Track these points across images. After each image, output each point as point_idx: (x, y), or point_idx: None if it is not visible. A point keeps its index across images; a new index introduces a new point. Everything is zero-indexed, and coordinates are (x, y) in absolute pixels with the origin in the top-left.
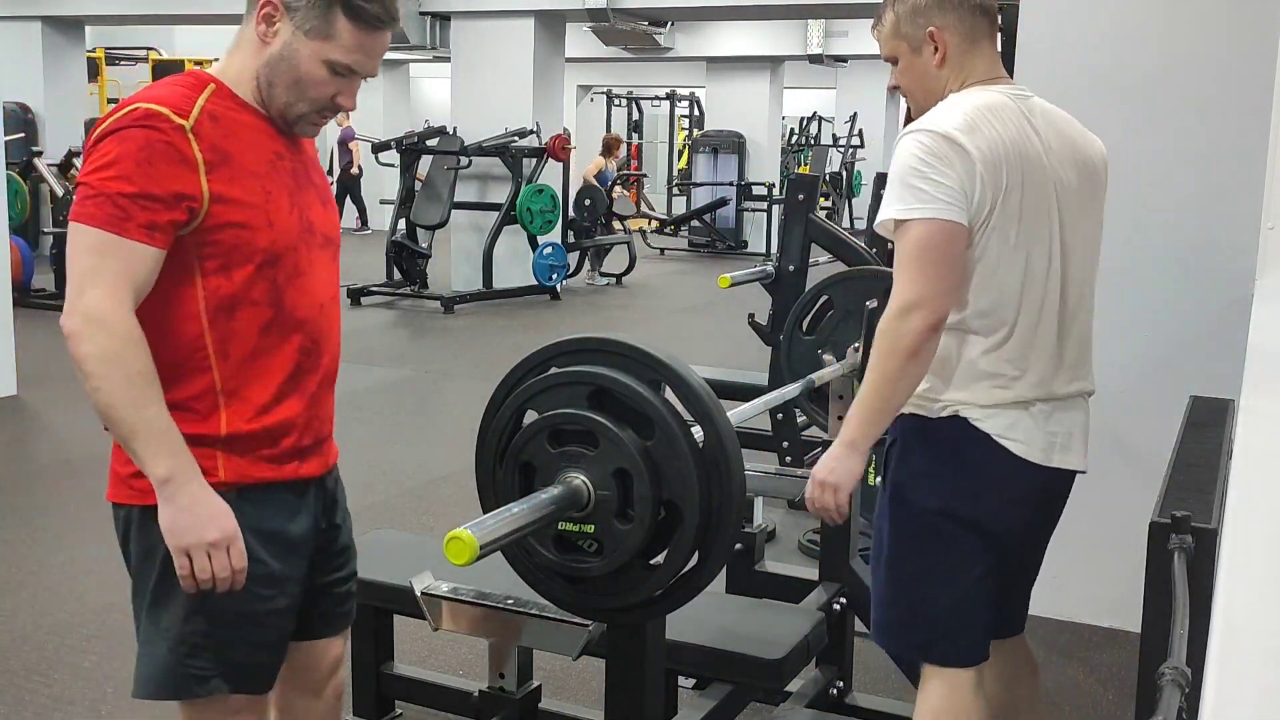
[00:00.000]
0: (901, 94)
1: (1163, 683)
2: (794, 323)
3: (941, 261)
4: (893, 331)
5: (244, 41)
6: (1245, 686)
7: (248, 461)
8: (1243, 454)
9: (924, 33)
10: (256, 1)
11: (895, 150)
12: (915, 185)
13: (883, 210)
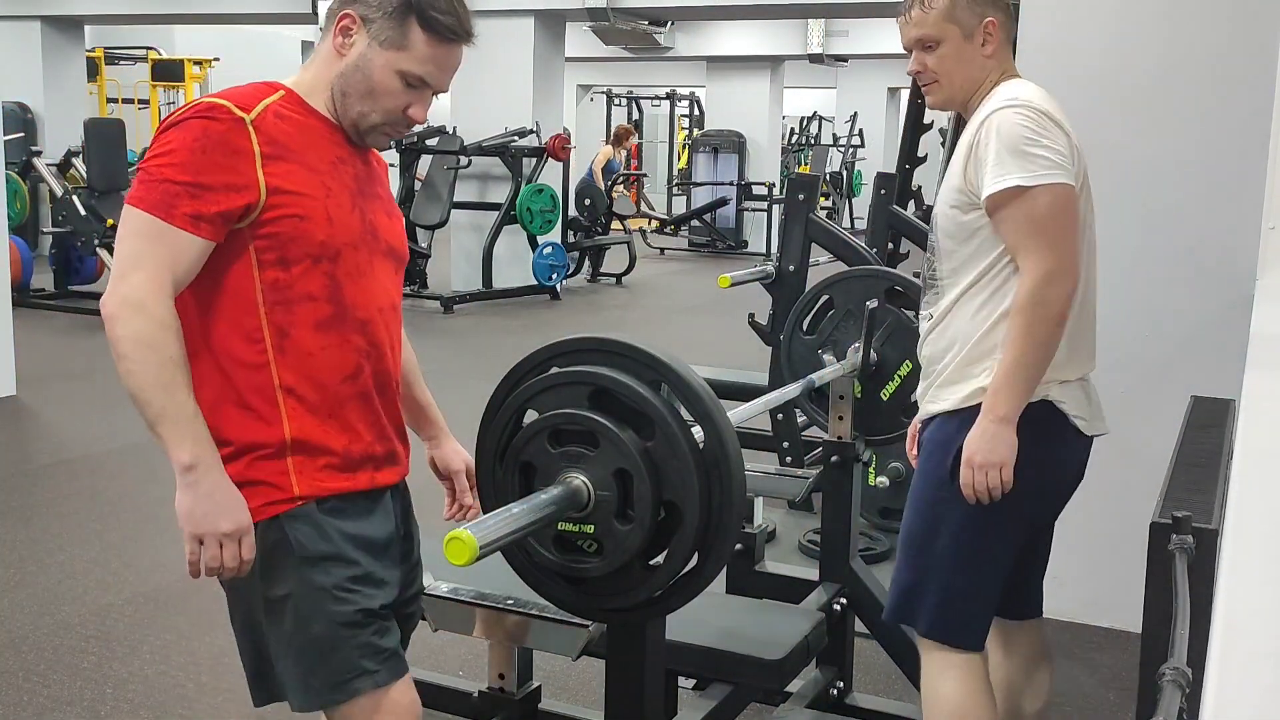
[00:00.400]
0: (924, 80)
1: (1163, 683)
2: (794, 323)
3: (1071, 226)
4: (1041, 301)
5: (320, 54)
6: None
7: (319, 469)
8: (1243, 454)
9: (981, 21)
10: (335, 16)
11: (994, 119)
12: (1033, 153)
13: (996, 180)
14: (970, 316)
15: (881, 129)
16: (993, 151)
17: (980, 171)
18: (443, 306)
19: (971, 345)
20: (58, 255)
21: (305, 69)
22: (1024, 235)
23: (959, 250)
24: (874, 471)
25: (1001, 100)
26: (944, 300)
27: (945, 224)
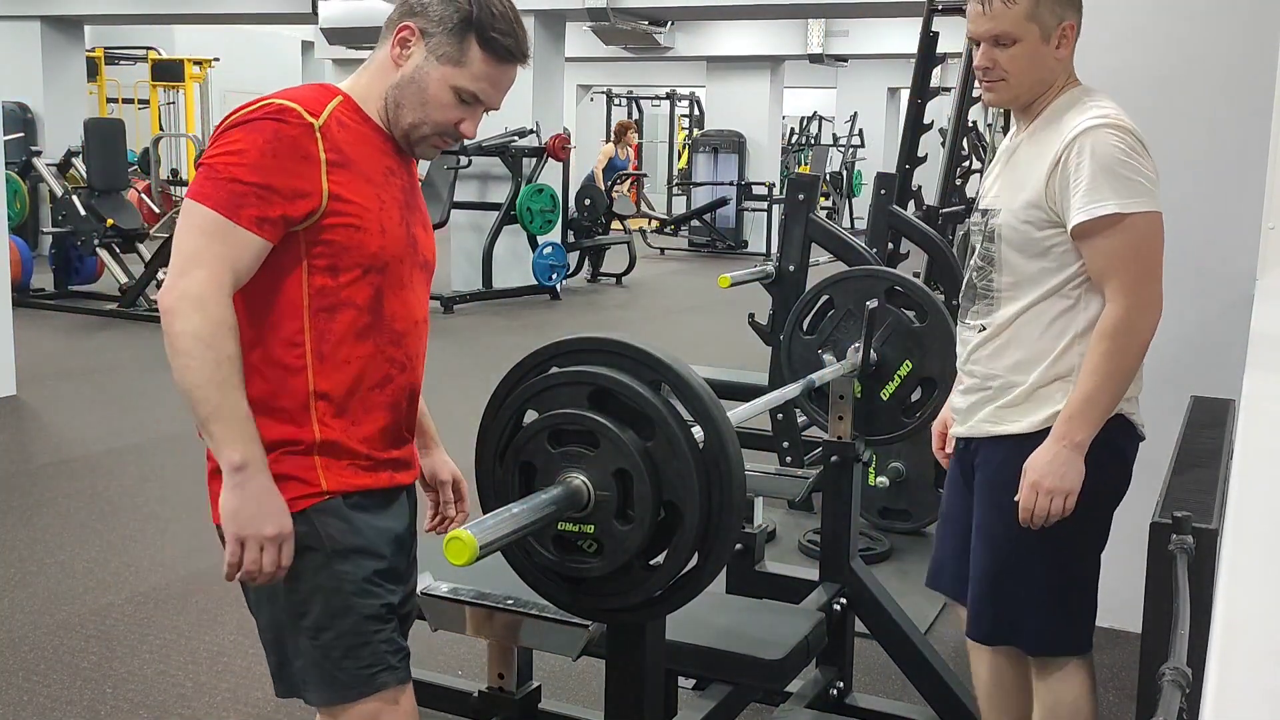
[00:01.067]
0: (991, 76)
1: (1163, 683)
2: (794, 323)
3: (1160, 254)
4: (1129, 330)
5: (376, 63)
6: (1246, 687)
7: (344, 467)
8: (1243, 454)
9: (1059, 24)
10: (394, 26)
11: (1087, 138)
12: (1130, 177)
13: (1091, 205)
14: (1039, 335)
15: (881, 129)
16: (1086, 174)
17: (1067, 193)
18: (443, 306)
19: (1045, 367)
20: (58, 255)
21: (359, 75)
22: (1116, 263)
23: (1026, 265)
24: (874, 471)
25: (1093, 117)
26: (1001, 312)
27: (1013, 237)
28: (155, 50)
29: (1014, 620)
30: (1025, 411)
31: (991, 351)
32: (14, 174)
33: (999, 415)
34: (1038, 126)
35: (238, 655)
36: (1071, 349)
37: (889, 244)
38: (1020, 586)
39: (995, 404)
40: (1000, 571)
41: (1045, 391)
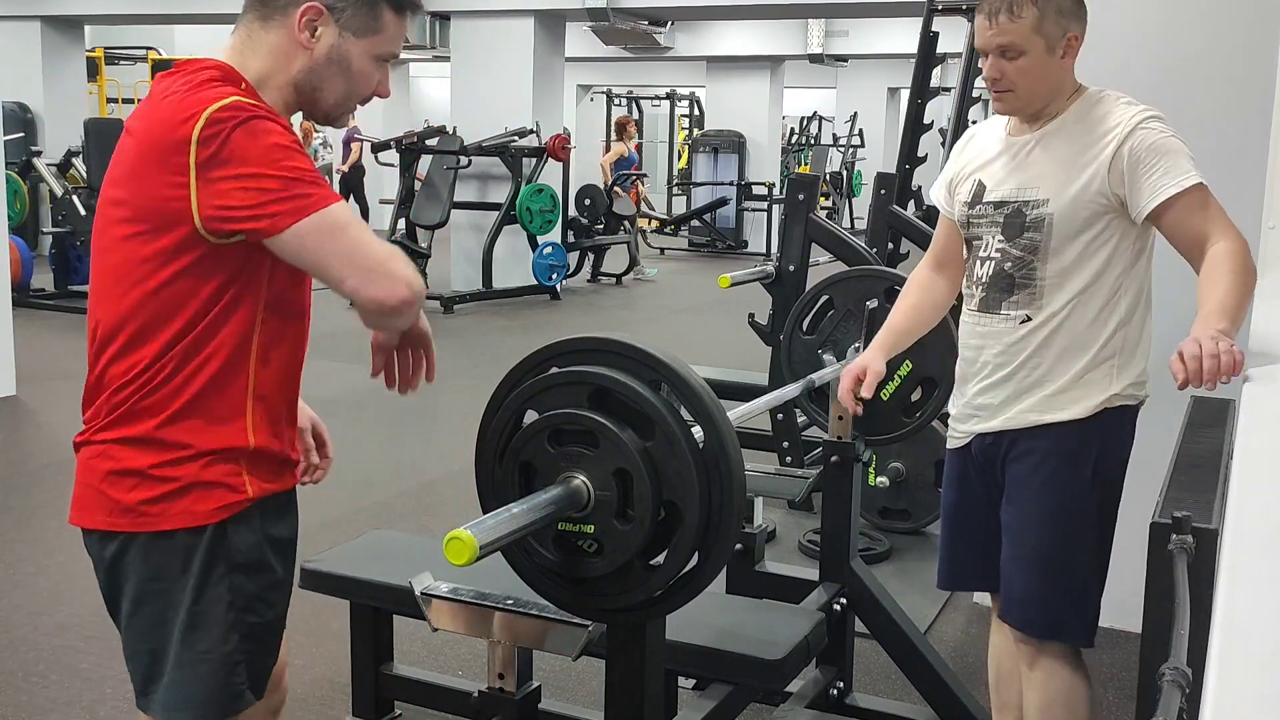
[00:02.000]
0: (1000, 86)
1: (1163, 683)
2: (794, 323)
3: None
4: (1248, 259)
5: (270, 46)
6: (1246, 687)
7: (264, 474)
8: (1243, 454)
9: (1064, 35)
10: (290, 8)
11: (1145, 129)
12: (1191, 156)
13: (1179, 180)
14: (1089, 323)
15: (881, 129)
16: (1160, 158)
17: (1139, 178)
18: (443, 306)
19: (1093, 354)
20: (57, 255)
21: (249, 58)
22: (1215, 217)
23: (1077, 253)
24: (874, 471)
25: (1136, 112)
26: (1049, 300)
27: (1067, 226)
28: (155, 50)
29: (1073, 611)
30: (1075, 398)
31: (1039, 341)
32: (14, 174)
33: (1046, 404)
34: (1062, 127)
35: None
36: (1115, 335)
37: (889, 244)
38: (1071, 573)
39: (1041, 393)
40: (1049, 558)
41: (1092, 377)
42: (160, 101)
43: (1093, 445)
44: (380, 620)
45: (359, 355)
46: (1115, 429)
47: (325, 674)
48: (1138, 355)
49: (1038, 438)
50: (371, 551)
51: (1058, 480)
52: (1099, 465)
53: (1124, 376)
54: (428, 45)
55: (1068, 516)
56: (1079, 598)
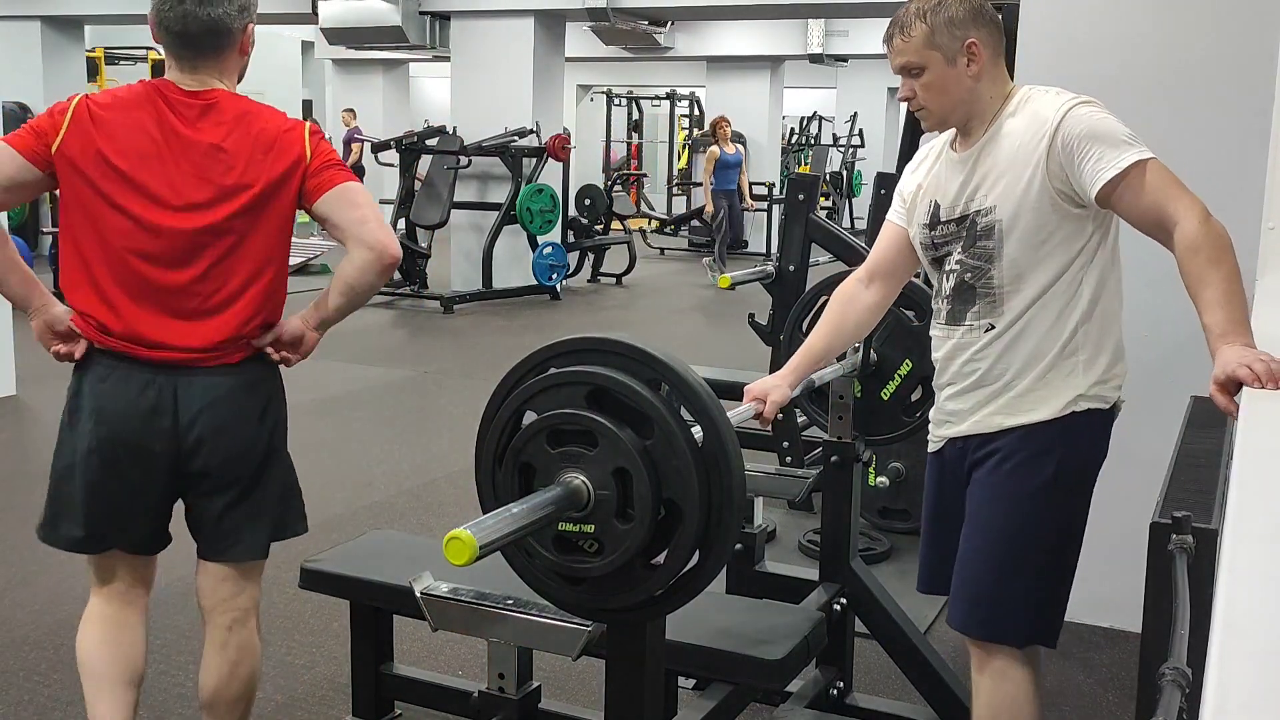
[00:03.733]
0: (914, 106)
1: (1163, 683)
2: (794, 323)
3: None
4: (1218, 230)
5: (230, 67)
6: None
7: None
8: (1243, 454)
9: (961, 44)
10: (237, 39)
11: (1073, 117)
12: (1130, 132)
13: (1116, 162)
14: (1050, 326)
15: (881, 129)
16: (1093, 143)
17: (1076, 165)
18: (443, 306)
19: (1054, 355)
20: (57, 255)
21: (227, 80)
22: (1166, 189)
23: (1030, 255)
24: (874, 471)
25: (1061, 102)
26: (1009, 307)
27: (1019, 227)
28: (155, 50)
29: (1008, 610)
30: (1042, 399)
31: (1003, 347)
32: None
33: (1011, 407)
34: (999, 132)
35: None
36: (1077, 333)
37: None
38: (1019, 573)
39: (1008, 396)
40: (996, 555)
41: (1053, 377)
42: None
43: (1056, 447)
44: (380, 620)
45: (359, 355)
46: (1082, 433)
47: (325, 674)
48: (1105, 350)
49: (1003, 439)
50: (371, 551)
51: (1015, 479)
52: (1061, 468)
53: (1090, 372)
54: (428, 45)
55: (1021, 517)
56: (1030, 601)
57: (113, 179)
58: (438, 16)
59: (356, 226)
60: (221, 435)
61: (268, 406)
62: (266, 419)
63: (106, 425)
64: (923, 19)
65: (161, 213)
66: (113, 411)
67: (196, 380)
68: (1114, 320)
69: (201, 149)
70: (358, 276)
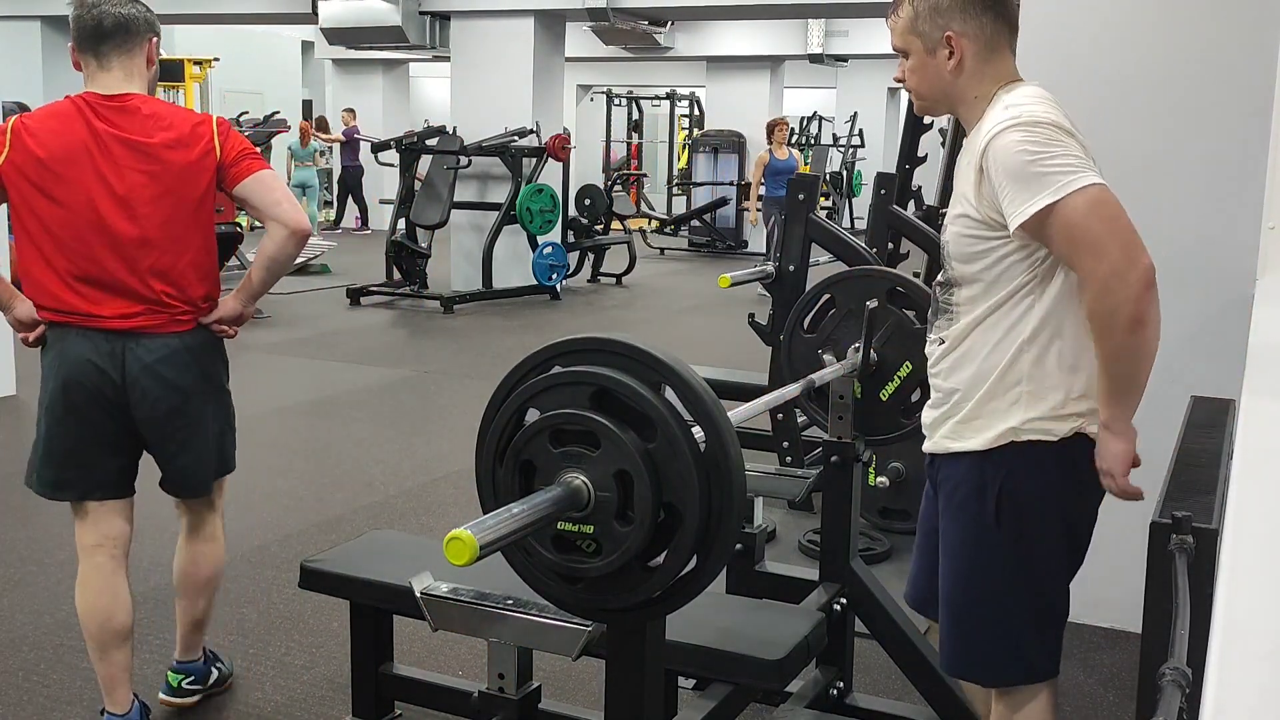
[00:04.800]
0: (906, 89)
1: (1163, 683)
2: (794, 322)
3: (1116, 217)
4: (1109, 309)
5: (139, 72)
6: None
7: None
8: (1243, 454)
9: (941, 35)
10: (143, 46)
11: (993, 149)
12: (1048, 170)
13: (1025, 207)
14: (990, 349)
15: (881, 129)
16: (1007, 180)
17: (998, 201)
18: (443, 306)
19: (994, 380)
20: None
21: (131, 84)
22: (1069, 247)
23: (973, 276)
24: (874, 471)
25: (999, 120)
26: (957, 325)
27: (957, 249)
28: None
29: (975, 649)
30: (979, 428)
31: (947, 366)
32: None
33: (956, 431)
34: (970, 138)
35: (237, 655)
36: (1020, 358)
37: (889, 244)
38: (977, 610)
39: (953, 419)
40: (954, 593)
41: (996, 406)
42: None
43: (994, 481)
44: (380, 620)
45: (359, 355)
46: (1021, 465)
47: (325, 674)
48: (1058, 387)
49: (953, 466)
50: (371, 551)
51: (964, 515)
52: (1002, 505)
53: (1034, 407)
54: (428, 45)
55: (970, 555)
56: (1004, 643)
57: (49, 179)
58: (438, 16)
59: (272, 208)
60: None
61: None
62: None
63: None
64: (910, 1)
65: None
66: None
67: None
68: (1079, 357)
69: (122, 144)
70: (277, 250)
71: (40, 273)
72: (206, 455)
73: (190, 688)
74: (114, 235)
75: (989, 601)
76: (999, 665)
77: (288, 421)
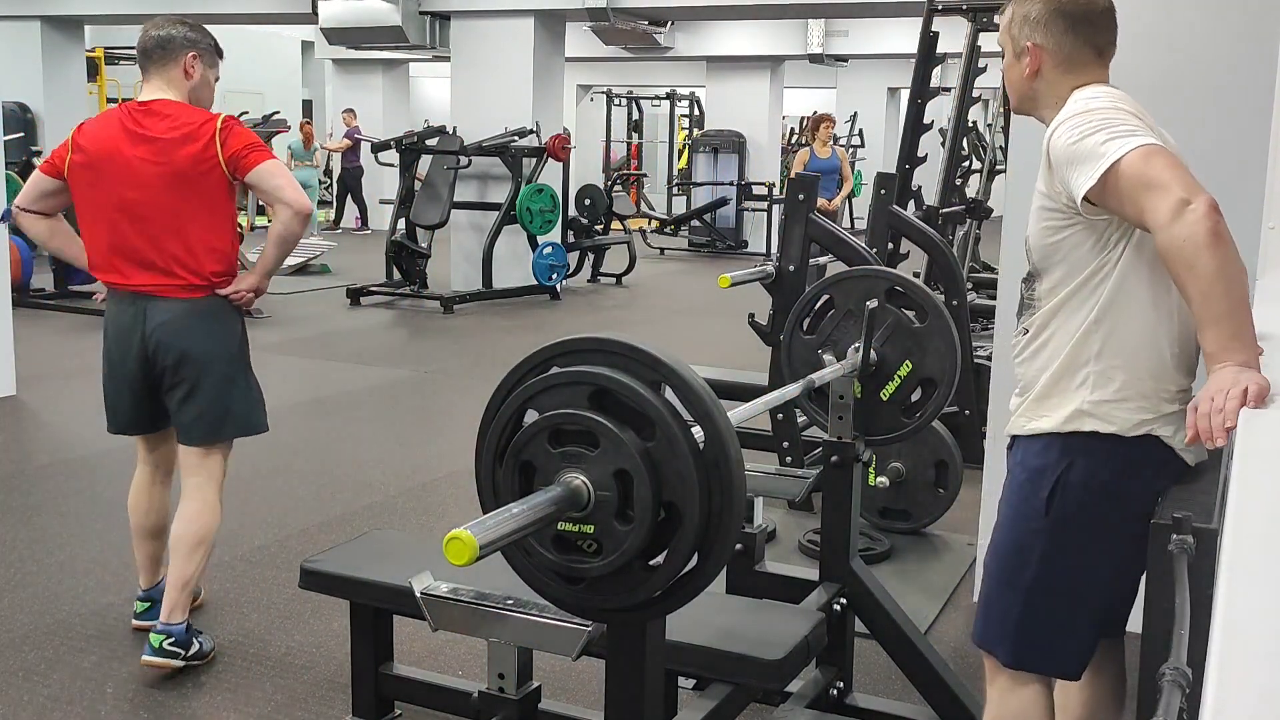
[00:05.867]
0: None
1: (1163, 683)
2: (794, 323)
3: (1172, 164)
4: (1183, 239)
5: (174, 82)
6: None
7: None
8: (1243, 455)
9: (1025, 44)
10: (179, 60)
11: (1054, 140)
12: (1099, 141)
13: (1086, 180)
14: (1065, 333)
15: (881, 129)
16: (1068, 160)
17: (1068, 184)
18: (443, 306)
19: (1065, 358)
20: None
21: (169, 90)
22: (1134, 193)
23: (1051, 267)
24: (874, 471)
25: (1057, 118)
26: (1039, 315)
27: (1037, 242)
28: None
29: (1001, 622)
30: (1051, 408)
31: (1031, 353)
32: (14, 174)
33: (1031, 410)
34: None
35: (237, 655)
36: (1089, 339)
37: (889, 244)
38: (1013, 587)
39: (1029, 399)
40: (999, 567)
41: (1066, 385)
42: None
43: (1055, 468)
44: (380, 620)
45: (359, 355)
46: (1084, 458)
47: (325, 674)
48: (1121, 367)
49: (1020, 448)
50: (371, 551)
51: (1019, 498)
52: (1057, 496)
53: (1101, 388)
54: (428, 45)
55: (1015, 535)
56: (1013, 620)
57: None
58: (438, 16)
59: (275, 193)
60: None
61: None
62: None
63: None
64: (1013, 4)
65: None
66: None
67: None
68: (1143, 337)
69: (143, 141)
70: (284, 229)
71: (93, 249)
72: (208, 410)
73: (171, 648)
74: (135, 215)
75: (1018, 585)
76: (1013, 645)
77: (287, 421)
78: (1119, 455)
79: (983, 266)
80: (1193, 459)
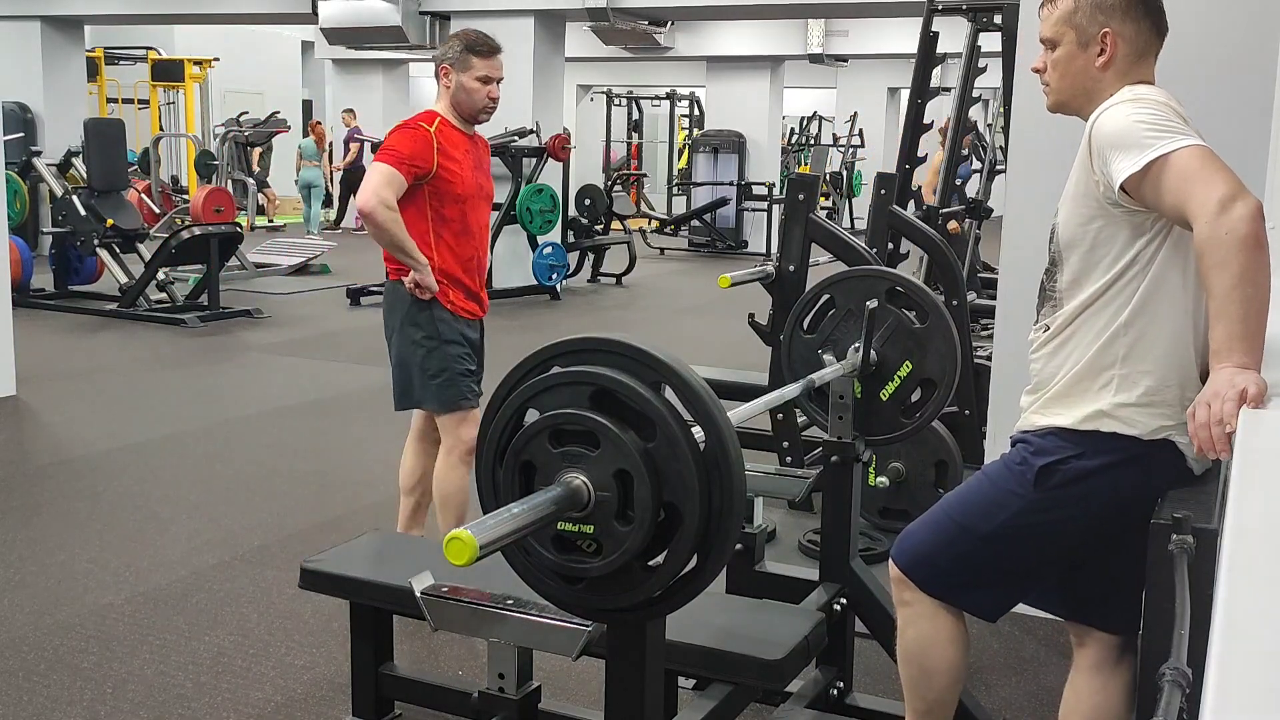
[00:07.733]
0: (1042, 79)
1: (1163, 683)
2: (794, 322)
3: (1224, 166)
4: (1224, 230)
5: (439, 94)
6: (1246, 687)
7: (453, 293)
8: (1243, 454)
9: (1099, 31)
10: (437, 69)
11: (1099, 124)
12: (1160, 125)
13: (1137, 159)
14: (1091, 335)
15: (881, 129)
16: (1112, 145)
17: (1107, 170)
18: None
19: (1089, 360)
20: (57, 255)
21: (437, 104)
22: (1180, 185)
23: (1080, 261)
24: (874, 471)
25: (1110, 102)
26: (1063, 312)
27: (1067, 234)
28: (155, 50)
29: (928, 552)
30: (1069, 405)
31: (1051, 350)
32: (14, 174)
33: (1047, 406)
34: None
35: (238, 656)
36: (1116, 341)
37: (889, 244)
38: (967, 535)
39: (1045, 396)
40: (954, 506)
41: (1088, 386)
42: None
43: (1060, 451)
44: (380, 620)
45: (359, 355)
46: (1093, 451)
47: (325, 674)
48: (1148, 371)
49: (1038, 436)
50: (371, 551)
51: (1014, 458)
52: (1054, 473)
53: (1125, 392)
54: (428, 45)
55: (997, 490)
56: (962, 559)
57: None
58: (438, 16)
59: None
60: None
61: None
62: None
63: None
64: None
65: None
66: None
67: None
68: (1172, 343)
69: None
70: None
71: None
72: (395, 378)
73: None
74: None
75: (974, 533)
76: (949, 580)
77: (288, 421)
78: (1134, 455)
79: (983, 266)
80: (1199, 469)
